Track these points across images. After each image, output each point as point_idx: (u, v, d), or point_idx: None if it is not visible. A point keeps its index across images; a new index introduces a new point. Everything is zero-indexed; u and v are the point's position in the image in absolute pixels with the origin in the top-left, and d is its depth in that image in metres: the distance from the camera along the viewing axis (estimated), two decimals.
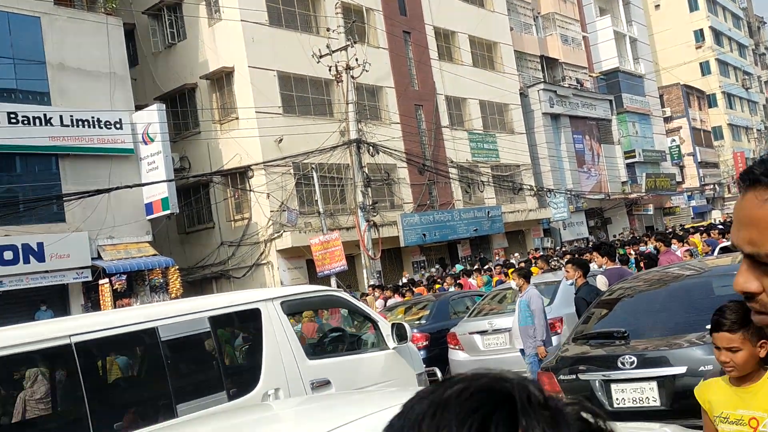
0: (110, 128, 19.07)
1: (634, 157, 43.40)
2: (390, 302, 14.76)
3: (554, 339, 8.76)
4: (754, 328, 2.30)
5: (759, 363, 2.32)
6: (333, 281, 19.42)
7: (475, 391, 0.62)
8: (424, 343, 10.39)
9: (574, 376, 4.71)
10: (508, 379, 0.64)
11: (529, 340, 8.18)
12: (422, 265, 27.21)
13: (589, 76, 42.41)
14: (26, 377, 4.66)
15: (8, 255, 16.66)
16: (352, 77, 20.80)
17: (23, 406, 4.46)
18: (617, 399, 4.51)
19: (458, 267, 23.75)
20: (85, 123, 18.54)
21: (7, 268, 16.62)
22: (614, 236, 36.47)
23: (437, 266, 26.46)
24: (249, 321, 5.44)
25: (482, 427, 0.59)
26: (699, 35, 59.81)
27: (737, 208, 0.96)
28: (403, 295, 15.70)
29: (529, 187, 33.05)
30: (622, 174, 42.02)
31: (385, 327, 6.27)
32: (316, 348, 6.77)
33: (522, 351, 8.42)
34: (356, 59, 20.60)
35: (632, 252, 17.60)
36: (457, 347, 9.92)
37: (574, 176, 36.73)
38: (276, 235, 21.78)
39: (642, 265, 10.42)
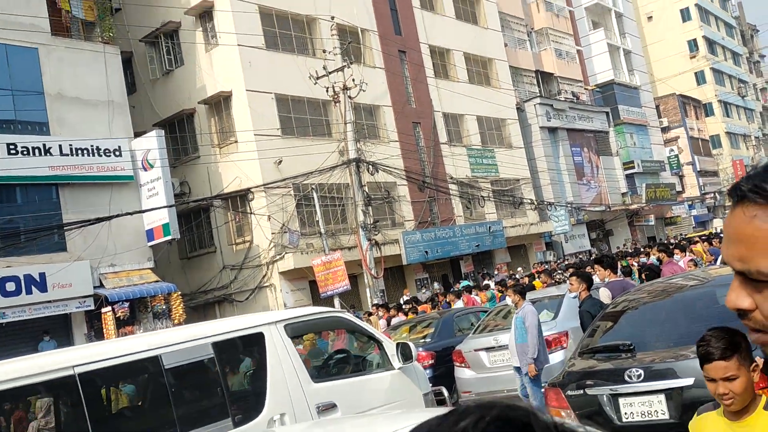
0: (109, 156, 19.14)
1: (633, 168, 43.49)
2: (394, 321, 14.68)
3: (560, 353, 8.69)
4: (744, 351, 2.25)
5: (753, 391, 2.25)
6: (336, 302, 19.37)
7: (492, 421, 0.62)
8: (430, 362, 10.29)
9: (581, 391, 4.67)
10: (520, 408, 0.64)
11: (524, 357, 8.07)
12: (425, 282, 27.14)
13: (585, 89, 42.59)
14: (37, 408, 4.62)
15: (10, 286, 16.65)
16: (350, 97, 20.89)
17: None
18: (626, 413, 4.47)
19: (463, 283, 23.67)
20: (85, 151, 18.61)
21: (9, 299, 16.59)
22: (617, 248, 36.40)
23: (436, 284, 26.41)
24: (253, 345, 5.40)
25: None
26: (693, 45, 60.14)
27: (726, 225, 0.95)
28: (406, 314, 15.62)
29: (529, 201, 33.05)
30: (621, 185, 42.06)
31: (390, 347, 6.21)
32: (321, 371, 6.70)
33: (518, 369, 8.31)
34: (353, 79, 20.71)
35: (635, 263, 17.55)
36: (463, 365, 9.83)
37: (574, 189, 36.75)
38: (278, 257, 21.75)
39: (643, 276, 10.33)
